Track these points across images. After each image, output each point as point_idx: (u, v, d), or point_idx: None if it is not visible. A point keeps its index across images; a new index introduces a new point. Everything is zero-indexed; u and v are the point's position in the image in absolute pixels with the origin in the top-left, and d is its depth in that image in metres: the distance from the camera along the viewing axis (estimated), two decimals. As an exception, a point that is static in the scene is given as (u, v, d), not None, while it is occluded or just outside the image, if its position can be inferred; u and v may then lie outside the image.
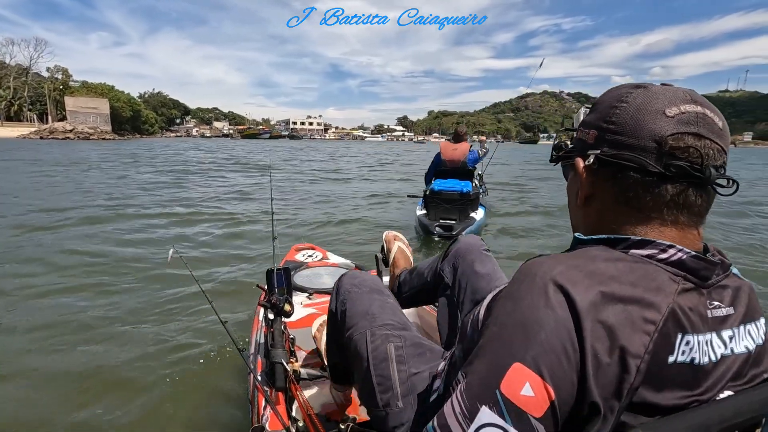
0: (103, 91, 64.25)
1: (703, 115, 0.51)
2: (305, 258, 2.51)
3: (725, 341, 0.51)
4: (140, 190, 8.77)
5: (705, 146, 0.50)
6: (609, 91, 0.59)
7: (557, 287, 0.47)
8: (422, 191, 5.50)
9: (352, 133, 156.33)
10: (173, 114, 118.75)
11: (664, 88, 0.54)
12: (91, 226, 5.34)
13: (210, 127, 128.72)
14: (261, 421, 1.15)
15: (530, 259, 0.53)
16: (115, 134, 58.10)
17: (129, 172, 12.41)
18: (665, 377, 0.47)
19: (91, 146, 30.87)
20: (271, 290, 1.47)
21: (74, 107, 55.88)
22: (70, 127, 52.22)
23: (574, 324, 0.45)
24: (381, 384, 0.90)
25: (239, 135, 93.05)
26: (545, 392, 0.44)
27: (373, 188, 10.26)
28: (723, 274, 0.54)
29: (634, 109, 0.53)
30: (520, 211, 7.32)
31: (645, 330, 0.46)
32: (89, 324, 2.67)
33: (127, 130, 67.88)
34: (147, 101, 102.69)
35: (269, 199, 2.46)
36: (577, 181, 0.60)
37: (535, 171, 17.01)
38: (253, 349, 1.60)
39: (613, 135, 0.54)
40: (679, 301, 0.48)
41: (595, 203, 0.59)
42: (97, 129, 55.23)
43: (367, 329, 0.99)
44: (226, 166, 15.83)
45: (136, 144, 37.46)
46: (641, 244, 0.52)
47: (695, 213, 0.53)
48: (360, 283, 1.12)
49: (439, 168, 5.31)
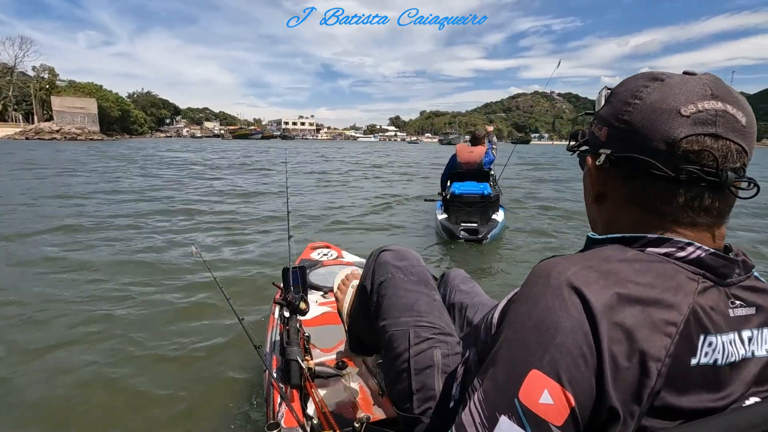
0: (91, 90, 63.28)
1: (723, 112, 0.48)
2: (320, 257, 2.52)
3: (745, 343, 0.50)
4: (157, 191, 8.82)
5: (722, 148, 0.48)
6: (626, 81, 0.56)
7: (572, 289, 0.45)
8: (437, 194, 5.56)
9: (345, 133, 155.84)
10: (163, 114, 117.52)
11: (683, 80, 0.51)
12: (98, 228, 5.32)
13: (201, 127, 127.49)
14: (276, 418, 1.16)
15: (543, 260, 0.52)
16: (103, 134, 57.14)
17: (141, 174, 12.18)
18: (688, 380, 0.45)
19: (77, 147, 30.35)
20: (287, 288, 1.48)
21: (61, 107, 54.89)
22: (56, 128, 51.22)
23: (591, 327, 0.43)
24: (421, 391, 0.83)
25: (230, 135, 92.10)
26: (564, 399, 0.43)
27: (379, 190, 9.92)
28: (745, 274, 0.52)
29: (648, 108, 0.50)
30: (534, 213, 7.30)
31: (666, 332, 0.44)
32: (106, 319, 2.74)
33: (116, 130, 66.99)
34: (136, 101, 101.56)
35: (284, 199, 2.49)
36: (590, 179, 0.59)
37: (531, 172, 17.07)
38: (269, 347, 1.62)
39: (624, 134, 0.52)
40: (700, 301, 0.46)
41: (608, 202, 0.58)
42: (85, 129, 54.27)
43: (410, 327, 0.90)
44: (236, 167, 15.78)
45: (127, 145, 36.93)
46: (658, 242, 0.50)
47: (713, 215, 0.51)
48: (407, 267, 1.01)
49: (455, 170, 5.22)
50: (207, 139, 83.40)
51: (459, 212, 4.85)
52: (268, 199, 8.25)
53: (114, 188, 8.95)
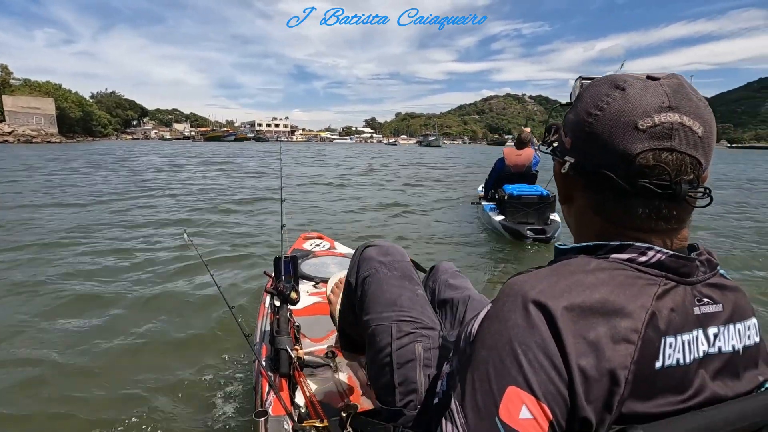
0: (49, 90, 59.41)
1: (680, 125, 0.49)
2: (313, 247, 2.50)
3: (710, 339, 0.51)
4: (142, 186, 8.80)
5: (677, 161, 0.49)
6: (591, 86, 0.56)
7: (538, 306, 0.47)
8: (481, 198, 5.92)
9: (320, 135, 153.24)
10: (129, 115, 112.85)
11: (644, 90, 0.51)
12: (90, 217, 5.43)
13: (170, 129, 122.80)
14: (264, 406, 1.16)
15: (513, 276, 0.54)
16: (62, 137, 53.61)
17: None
18: (654, 384, 0.47)
19: (23, 151, 27.64)
20: (278, 278, 1.47)
21: (14, 107, 50.94)
22: (9, 129, 47.55)
23: (556, 342, 0.45)
24: (403, 384, 0.87)
25: (202, 137, 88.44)
26: (542, 413, 0.44)
27: (381, 197, 8.97)
28: (710, 272, 0.54)
29: (607, 121, 0.51)
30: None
31: (629, 339, 0.46)
32: (93, 306, 2.74)
33: (78, 132, 63.05)
34: (100, 102, 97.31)
35: (278, 189, 2.42)
36: (557, 180, 0.61)
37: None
38: (259, 336, 1.62)
39: (585, 146, 0.54)
40: (659, 304, 0.48)
41: (574, 207, 0.60)
42: (41, 131, 50.72)
43: (393, 322, 0.93)
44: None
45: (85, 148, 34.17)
46: (621, 249, 0.52)
47: (672, 222, 0.52)
48: (390, 263, 1.04)
49: (503, 173, 5.33)
50: (177, 141, 79.81)
51: (517, 213, 4.85)
52: (263, 187, 8.32)
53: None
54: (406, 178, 13.32)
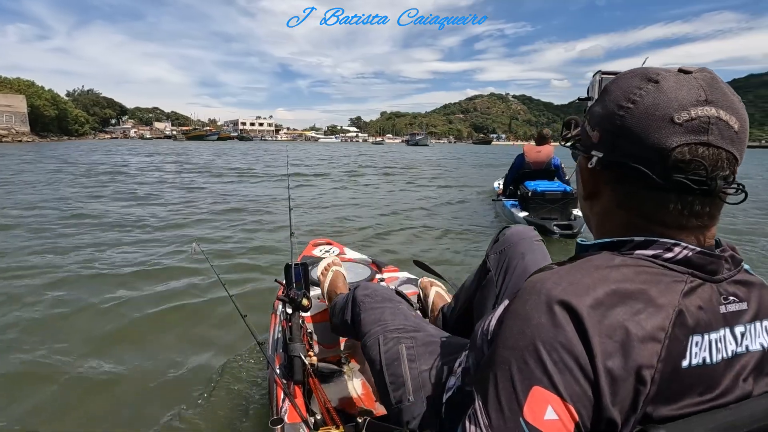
0: (21, 87, 56.92)
1: (716, 119, 0.47)
2: (322, 253, 2.51)
3: (737, 338, 0.50)
4: (155, 190, 8.78)
5: (713, 156, 0.47)
6: (620, 79, 0.54)
7: (562, 305, 0.45)
8: (499, 194, 6.03)
9: (305, 134, 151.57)
10: (108, 114, 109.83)
11: (678, 83, 0.49)
12: (102, 224, 5.34)
13: (150, 128, 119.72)
14: (279, 414, 1.17)
15: (534, 273, 0.53)
16: (35, 136, 51.36)
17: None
18: (681, 383, 0.46)
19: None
20: (289, 285, 1.48)
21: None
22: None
23: (582, 341, 0.44)
24: (393, 383, 0.93)
25: (184, 137, 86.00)
26: (568, 414, 0.43)
27: (415, 194, 8.62)
28: (735, 269, 0.52)
29: (641, 113, 0.49)
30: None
31: (655, 337, 0.45)
32: (110, 318, 2.73)
33: (52, 131, 60.52)
34: (77, 100, 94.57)
35: (286, 196, 2.39)
36: (583, 176, 0.60)
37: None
38: (272, 343, 1.62)
39: (616, 139, 0.52)
40: (686, 302, 0.47)
41: (599, 202, 0.58)
42: (12, 130, 48.37)
43: (379, 334, 1.03)
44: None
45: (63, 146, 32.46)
46: (646, 244, 0.51)
47: (703, 219, 0.51)
48: (372, 293, 1.19)
49: (523, 170, 5.36)
50: (158, 140, 77.46)
51: (541, 209, 4.88)
52: (271, 197, 8.22)
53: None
54: (412, 177, 13.09)
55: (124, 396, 1.96)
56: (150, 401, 1.92)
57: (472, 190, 9.69)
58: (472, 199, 8.36)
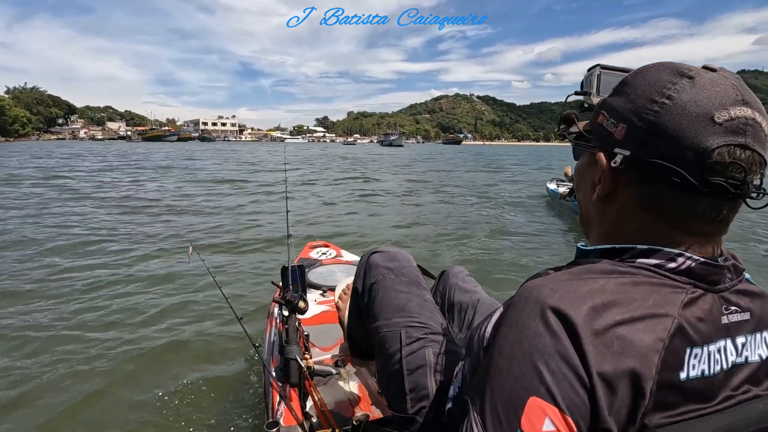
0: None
1: (753, 121, 0.46)
2: (319, 255, 2.52)
3: (738, 348, 0.49)
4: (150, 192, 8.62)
5: (749, 159, 0.45)
6: (644, 72, 0.51)
7: (557, 314, 0.44)
8: (566, 193, 6.78)
9: (270, 134, 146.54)
10: (53, 113, 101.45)
11: (713, 81, 0.47)
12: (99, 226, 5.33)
13: (102, 128, 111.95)
14: (275, 416, 1.16)
15: (530, 279, 0.51)
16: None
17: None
18: (679, 394, 0.45)
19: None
20: (286, 287, 1.48)
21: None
22: None
23: (578, 352, 0.42)
24: (414, 391, 0.85)
25: (140, 137, 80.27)
26: (565, 425, 0.41)
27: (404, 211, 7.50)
28: (737, 278, 0.51)
29: (679, 110, 0.46)
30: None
31: (653, 349, 0.43)
32: (107, 320, 2.70)
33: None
34: (17, 98, 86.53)
35: (284, 198, 2.35)
36: (595, 174, 0.55)
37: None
38: (268, 346, 1.61)
39: (647, 137, 0.48)
40: (686, 314, 0.46)
41: (615, 203, 0.54)
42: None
43: (402, 328, 0.92)
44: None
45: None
46: (648, 253, 0.49)
47: (722, 224, 0.50)
48: (397, 269, 1.04)
49: None
50: (111, 141, 71.80)
51: None
52: (267, 198, 8.21)
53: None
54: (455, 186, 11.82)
55: (117, 398, 1.94)
56: (144, 403, 1.89)
57: (512, 197, 9.24)
58: (524, 203, 8.32)
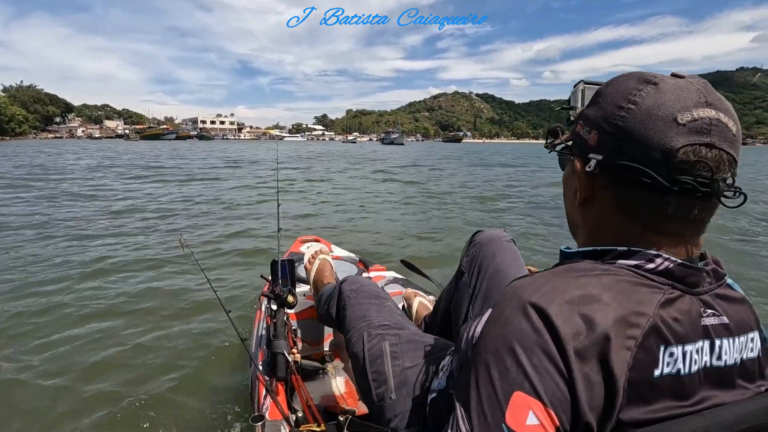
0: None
1: (717, 121, 0.47)
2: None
3: (715, 351, 0.50)
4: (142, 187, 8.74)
5: (716, 158, 0.47)
6: (615, 81, 0.54)
7: (537, 310, 0.46)
8: None
9: (269, 132, 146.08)
10: (51, 111, 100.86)
11: (676, 85, 0.49)
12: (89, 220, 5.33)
13: (100, 126, 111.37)
14: (261, 410, 1.17)
15: (515, 279, 0.53)
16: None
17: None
18: (653, 391, 0.46)
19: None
20: (275, 281, 1.47)
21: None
22: None
23: (557, 347, 0.44)
24: (376, 380, 0.93)
25: (138, 136, 79.75)
26: (549, 419, 0.43)
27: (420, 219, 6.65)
28: (716, 282, 0.53)
29: (643, 114, 0.49)
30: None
31: (626, 346, 0.45)
32: (89, 312, 2.69)
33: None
34: (14, 96, 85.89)
35: (275, 192, 2.35)
36: (576, 181, 0.57)
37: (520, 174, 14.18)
38: (255, 340, 1.62)
39: (616, 141, 0.50)
40: (663, 313, 0.47)
41: (594, 207, 0.56)
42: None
43: (364, 331, 1.04)
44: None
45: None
46: (628, 254, 0.51)
47: (697, 224, 0.51)
48: (359, 288, 1.19)
49: None
50: (109, 140, 71.29)
51: None
52: (258, 193, 8.25)
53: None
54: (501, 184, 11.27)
55: (100, 390, 1.93)
56: (129, 395, 1.89)
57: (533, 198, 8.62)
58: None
